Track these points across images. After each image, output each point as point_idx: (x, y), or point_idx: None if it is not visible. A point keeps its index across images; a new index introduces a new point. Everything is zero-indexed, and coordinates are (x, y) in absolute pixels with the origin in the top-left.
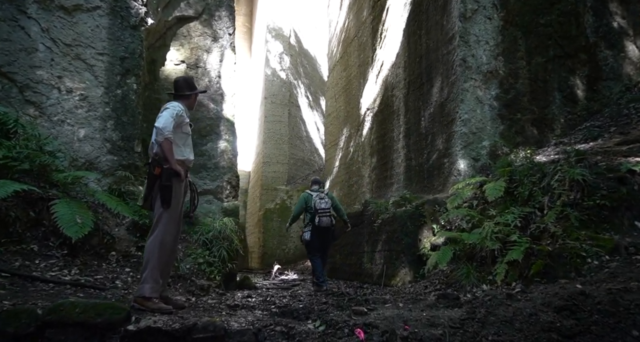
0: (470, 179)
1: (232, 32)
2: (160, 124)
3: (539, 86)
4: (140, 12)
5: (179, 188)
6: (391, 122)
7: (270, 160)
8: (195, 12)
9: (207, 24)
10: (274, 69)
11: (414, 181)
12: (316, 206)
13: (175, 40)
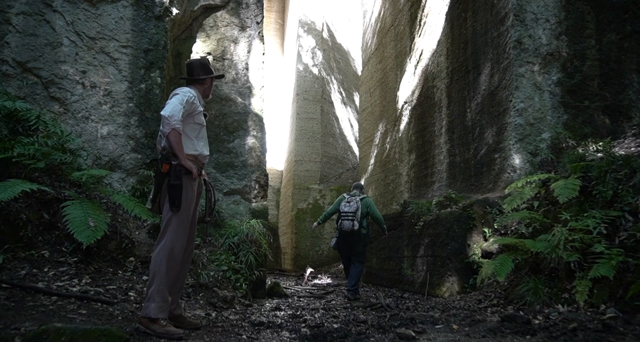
0: (531, 176)
1: (261, 20)
2: (167, 112)
3: (612, 68)
4: (165, 1)
5: (190, 188)
6: (432, 116)
7: (302, 158)
8: (221, 1)
9: (234, 13)
10: (306, 65)
11: (458, 179)
12: (341, 209)
13: (202, 32)
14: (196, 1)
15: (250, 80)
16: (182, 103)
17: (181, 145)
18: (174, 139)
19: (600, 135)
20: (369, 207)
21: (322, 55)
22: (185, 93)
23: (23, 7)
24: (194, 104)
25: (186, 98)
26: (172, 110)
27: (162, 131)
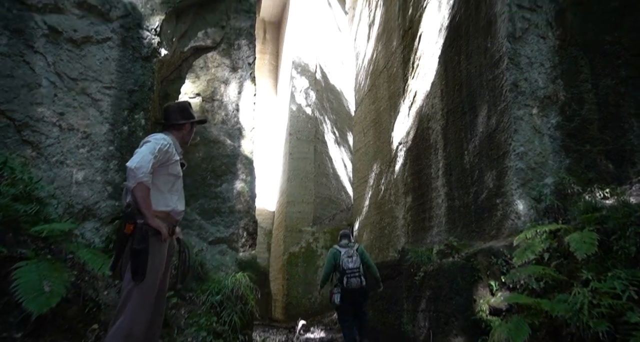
0: (540, 226)
1: (253, 61)
2: (134, 163)
3: (610, 112)
4: (153, 42)
5: (158, 252)
6: (427, 157)
7: (294, 199)
8: (213, 42)
9: (225, 54)
10: (299, 105)
11: (458, 224)
12: (344, 266)
13: (191, 72)
14: (187, 42)
15: (240, 121)
16: (153, 152)
17: (148, 201)
18: (140, 194)
19: (605, 181)
20: (364, 255)
21: (315, 95)
22: (157, 141)
23: (2, 48)
24: (168, 153)
25: (158, 146)
26: (140, 161)
27: (127, 185)
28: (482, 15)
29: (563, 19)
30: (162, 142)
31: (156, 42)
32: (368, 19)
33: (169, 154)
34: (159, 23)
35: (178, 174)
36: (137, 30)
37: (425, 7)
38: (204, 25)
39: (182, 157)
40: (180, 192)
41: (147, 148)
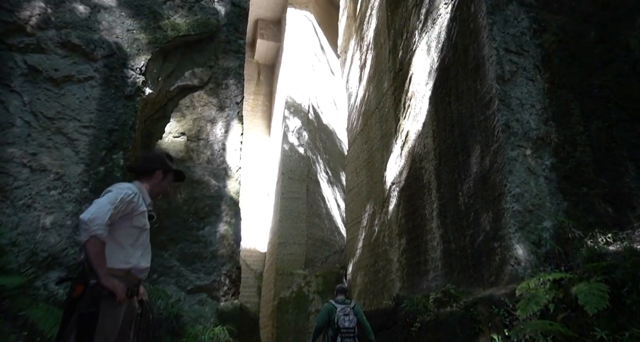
0: (544, 274)
1: (240, 100)
2: (87, 215)
3: (604, 155)
4: (137, 81)
5: (110, 318)
6: (421, 198)
7: (286, 240)
8: (200, 82)
9: (212, 93)
10: (292, 144)
11: (455, 268)
12: (339, 324)
13: (177, 111)
14: (173, 81)
15: (226, 161)
16: (114, 202)
17: (102, 258)
18: (92, 250)
19: (605, 225)
20: (360, 314)
21: (308, 135)
22: (120, 190)
23: None
24: (132, 203)
25: (120, 196)
26: (96, 213)
27: (78, 240)
28: (471, 59)
29: (550, 63)
30: (125, 192)
31: (140, 81)
32: (359, 61)
33: (133, 205)
34: (144, 62)
35: (144, 227)
36: (122, 69)
37: (415, 50)
38: (191, 65)
39: (151, 209)
40: (146, 247)
41: (106, 198)
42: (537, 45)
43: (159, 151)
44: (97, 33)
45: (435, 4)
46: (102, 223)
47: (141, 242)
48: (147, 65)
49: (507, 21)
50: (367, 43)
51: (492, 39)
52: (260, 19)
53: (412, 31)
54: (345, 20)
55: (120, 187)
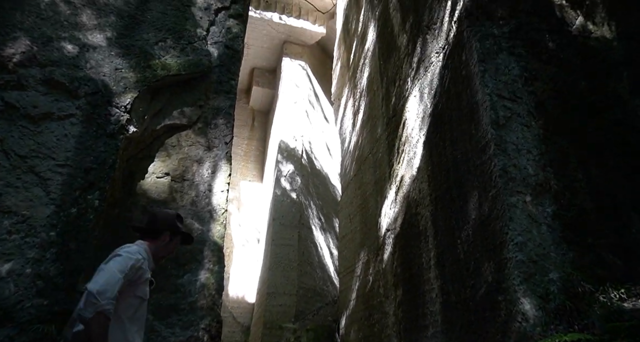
0: (561, 336)
1: (229, 140)
2: (97, 286)
3: (606, 204)
4: (122, 119)
5: None
6: (418, 246)
7: (275, 290)
8: (188, 121)
9: (200, 132)
10: (284, 189)
11: (456, 323)
12: None
13: (162, 151)
14: (160, 120)
15: (212, 202)
16: (124, 271)
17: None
18: (97, 330)
19: (616, 279)
20: None
21: (300, 180)
22: (130, 255)
23: None
24: (141, 270)
25: (131, 263)
26: (105, 284)
27: (82, 315)
28: (464, 104)
29: (543, 110)
30: (136, 257)
31: (125, 119)
32: (353, 108)
33: (141, 272)
34: (130, 100)
35: (145, 296)
36: (106, 107)
37: (408, 96)
38: (180, 104)
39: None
40: (142, 321)
41: (116, 265)
42: (529, 92)
43: (170, 212)
44: (83, 71)
45: (427, 53)
46: (111, 297)
47: (140, 314)
48: (133, 103)
49: (498, 69)
50: (360, 90)
51: (485, 85)
52: (257, 67)
53: (405, 79)
54: (339, 70)
55: (129, 251)
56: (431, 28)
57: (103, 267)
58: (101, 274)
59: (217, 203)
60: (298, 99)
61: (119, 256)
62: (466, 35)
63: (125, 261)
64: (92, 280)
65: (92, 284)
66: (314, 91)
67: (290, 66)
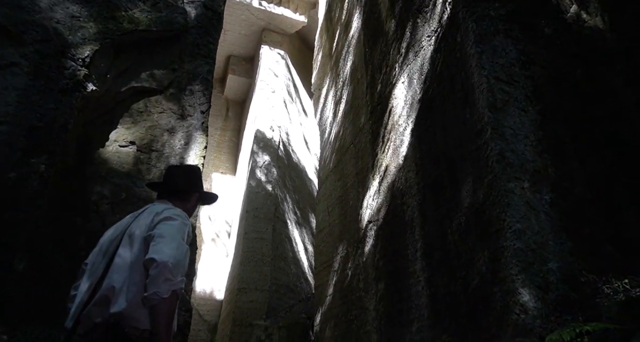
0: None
1: (206, 110)
2: (169, 259)
3: (603, 194)
4: (78, 74)
5: None
6: (403, 237)
7: (247, 286)
8: (159, 85)
9: (173, 99)
10: (259, 180)
11: (444, 317)
12: None
13: (127, 117)
14: (126, 82)
15: None
16: (185, 238)
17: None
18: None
19: (615, 270)
20: None
21: (277, 172)
22: (185, 221)
23: None
24: (189, 239)
25: (187, 230)
26: (179, 255)
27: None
28: (458, 87)
29: (541, 96)
30: (188, 223)
31: (82, 75)
32: (334, 98)
33: (189, 240)
34: (89, 53)
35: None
36: (59, 58)
37: (395, 83)
38: (150, 65)
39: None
40: None
41: (177, 231)
42: (526, 76)
43: (193, 167)
44: (30, 15)
45: (417, 37)
46: (184, 272)
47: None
48: (92, 57)
49: (495, 51)
50: (343, 79)
51: (482, 67)
52: (233, 55)
53: (392, 65)
54: (320, 59)
55: (179, 214)
56: (422, 11)
57: (165, 233)
58: (166, 243)
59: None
60: (276, 88)
61: (172, 220)
62: (461, 16)
63: (182, 227)
64: (154, 249)
65: (160, 255)
66: (293, 82)
67: (269, 55)
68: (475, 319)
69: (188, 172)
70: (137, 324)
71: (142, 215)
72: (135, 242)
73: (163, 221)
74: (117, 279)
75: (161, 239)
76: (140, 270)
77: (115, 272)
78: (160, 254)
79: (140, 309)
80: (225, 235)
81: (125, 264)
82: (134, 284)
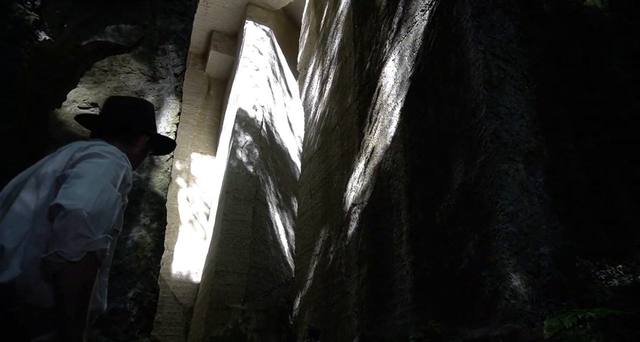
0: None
1: (180, 73)
2: (87, 206)
3: (597, 177)
4: (27, 19)
5: None
6: (389, 220)
7: (225, 268)
8: (126, 42)
9: (143, 58)
10: (240, 161)
11: (430, 302)
12: None
13: (89, 75)
14: (86, 35)
15: None
16: (117, 183)
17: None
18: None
19: (608, 254)
20: None
21: (259, 153)
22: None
23: None
24: (128, 189)
25: (122, 173)
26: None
27: (61, 254)
28: (452, 64)
29: (538, 74)
30: (126, 165)
31: (32, 20)
32: (321, 77)
33: (127, 190)
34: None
35: (119, 229)
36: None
37: (385, 61)
38: (116, 18)
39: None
40: (108, 269)
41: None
42: (524, 54)
43: (143, 101)
44: None
45: (410, 12)
46: (109, 228)
47: (109, 258)
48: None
49: (493, 26)
50: (330, 58)
51: (478, 42)
52: (216, 30)
53: (383, 42)
54: (307, 37)
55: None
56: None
57: (79, 173)
58: (84, 185)
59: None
60: (261, 66)
61: (100, 158)
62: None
63: (114, 168)
64: (64, 193)
65: (72, 200)
66: (278, 61)
67: (253, 31)
68: (463, 304)
69: (135, 106)
70: (37, 301)
71: (62, 152)
72: (45, 183)
73: (86, 157)
74: (9, 235)
75: (78, 180)
76: (48, 223)
77: (9, 226)
78: (72, 198)
79: (44, 279)
80: (203, 217)
81: (27, 213)
82: (35, 243)
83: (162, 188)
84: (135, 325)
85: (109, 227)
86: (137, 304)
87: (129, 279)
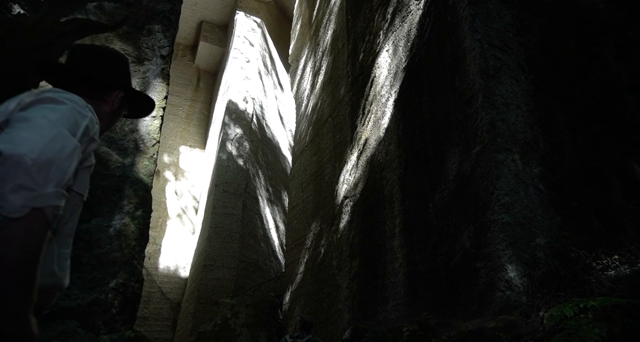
0: (586, 300)
1: (167, 54)
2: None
3: (592, 167)
4: None
5: None
6: (381, 212)
7: (213, 262)
8: (110, 20)
9: (128, 38)
10: (230, 154)
11: (422, 295)
12: None
13: None
14: (66, 11)
15: (139, 130)
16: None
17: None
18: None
19: (600, 245)
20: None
21: (249, 146)
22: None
23: None
24: (92, 145)
25: (85, 123)
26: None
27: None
28: (448, 53)
29: (534, 64)
30: (89, 115)
31: None
32: (313, 69)
33: (91, 147)
34: None
35: (84, 194)
36: None
37: (379, 52)
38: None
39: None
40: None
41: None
42: (520, 43)
43: (115, 51)
44: None
45: (405, 1)
46: (64, 181)
47: (72, 226)
48: None
49: (489, 15)
50: (322, 49)
51: (475, 31)
52: (206, 21)
53: (377, 32)
54: (299, 28)
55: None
56: None
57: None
58: (31, 129)
59: (145, 131)
60: (251, 58)
61: (55, 103)
62: None
63: (72, 114)
64: (6, 137)
65: (15, 145)
66: (270, 53)
67: (244, 22)
68: (457, 295)
69: (107, 55)
70: None
71: (14, 99)
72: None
73: (38, 102)
74: None
75: (24, 124)
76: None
77: None
78: (15, 143)
79: None
80: (192, 211)
81: None
82: None
83: (147, 174)
84: (117, 317)
85: (62, 180)
86: (120, 295)
87: (111, 269)
